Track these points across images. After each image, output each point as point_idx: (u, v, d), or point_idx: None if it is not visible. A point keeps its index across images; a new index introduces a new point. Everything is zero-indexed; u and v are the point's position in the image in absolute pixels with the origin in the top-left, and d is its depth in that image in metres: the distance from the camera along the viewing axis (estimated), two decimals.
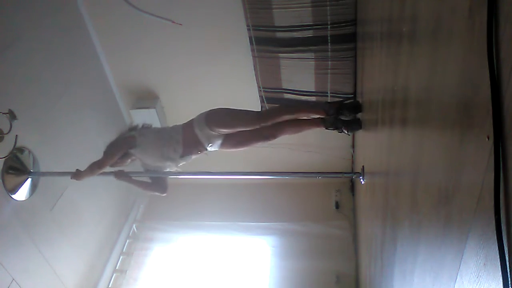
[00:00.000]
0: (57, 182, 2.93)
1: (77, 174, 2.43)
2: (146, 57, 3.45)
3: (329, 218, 3.71)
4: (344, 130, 2.47)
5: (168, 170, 2.54)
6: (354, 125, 2.47)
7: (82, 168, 2.44)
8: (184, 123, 2.53)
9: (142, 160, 2.51)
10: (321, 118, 2.51)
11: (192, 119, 2.52)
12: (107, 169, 2.49)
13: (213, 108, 2.50)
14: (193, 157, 2.52)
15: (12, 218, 2.52)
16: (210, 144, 2.48)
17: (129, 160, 2.52)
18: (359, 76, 2.65)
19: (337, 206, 3.82)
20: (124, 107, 3.84)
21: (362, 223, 2.84)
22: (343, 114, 2.45)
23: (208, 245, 3.71)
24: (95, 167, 2.41)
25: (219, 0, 3.04)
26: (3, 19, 2.53)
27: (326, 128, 2.51)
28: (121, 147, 2.46)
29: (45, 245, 2.78)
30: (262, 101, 3.34)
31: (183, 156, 2.46)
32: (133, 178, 2.53)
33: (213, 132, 2.45)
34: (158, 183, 2.60)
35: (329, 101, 2.93)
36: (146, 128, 2.59)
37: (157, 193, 2.62)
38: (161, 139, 2.45)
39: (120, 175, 2.47)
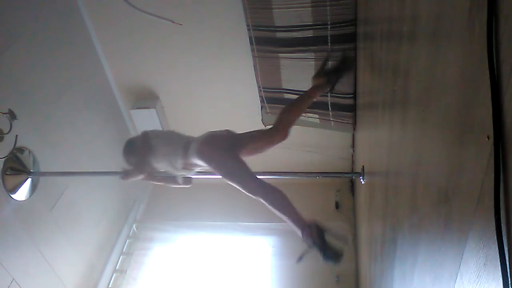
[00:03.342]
0: (57, 182, 2.93)
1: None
2: (146, 57, 3.44)
3: (329, 218, 3.70)
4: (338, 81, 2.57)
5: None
6: (346, 66, 2.57)
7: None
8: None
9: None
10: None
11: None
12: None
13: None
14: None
15: (12, 218, 2.52)
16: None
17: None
18: (359, 76, 2.65)
19: (337, 206, 3.82)
20: (124, 107, 3.84)
21: (362, 223, 2.84)
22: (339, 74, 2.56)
23: (208, 245, 3.71)
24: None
25: (219, 0, 3.04)
26: (3, 19, 2.54)
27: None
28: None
29: (45, 245, 2.78)
30: (262, 101, 3.34)
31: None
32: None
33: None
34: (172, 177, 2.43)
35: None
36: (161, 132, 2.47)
37: (179, 186, 2.46)
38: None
39: (127, 175, 2.34)
